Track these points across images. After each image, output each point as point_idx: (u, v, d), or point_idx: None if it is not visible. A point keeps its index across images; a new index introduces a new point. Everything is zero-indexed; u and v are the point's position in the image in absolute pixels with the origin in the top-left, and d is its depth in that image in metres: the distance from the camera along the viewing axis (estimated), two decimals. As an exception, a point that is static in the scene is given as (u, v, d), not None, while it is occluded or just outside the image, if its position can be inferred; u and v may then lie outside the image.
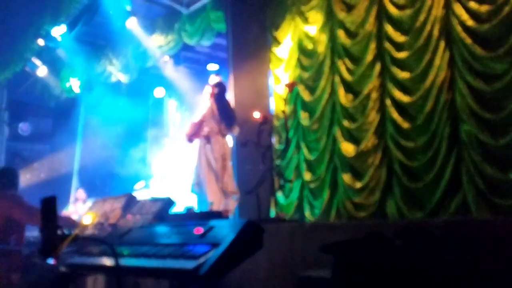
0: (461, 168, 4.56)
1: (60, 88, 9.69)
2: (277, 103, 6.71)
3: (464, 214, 4.44)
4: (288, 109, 6.30)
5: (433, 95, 4.80)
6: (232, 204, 5.59)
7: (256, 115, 5.99)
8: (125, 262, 2.32)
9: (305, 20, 6.37)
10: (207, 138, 5.43)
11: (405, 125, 5.06)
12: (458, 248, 2.52)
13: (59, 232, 1.86)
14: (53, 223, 1.84)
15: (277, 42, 6.78)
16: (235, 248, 2.04)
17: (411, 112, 5.04)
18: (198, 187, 5.57)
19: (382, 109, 5.32)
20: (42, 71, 9.49)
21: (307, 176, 6.18)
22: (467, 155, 4.51)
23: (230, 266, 2.00)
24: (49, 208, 1.88)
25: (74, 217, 7.28)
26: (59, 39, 8.35)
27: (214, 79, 5.82)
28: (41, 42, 8.44)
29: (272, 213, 5.73)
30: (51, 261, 2.04)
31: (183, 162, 9.14)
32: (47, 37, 8.36)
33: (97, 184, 9.37)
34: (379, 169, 5.28)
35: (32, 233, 4.60)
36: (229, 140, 5.99)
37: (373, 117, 5.37)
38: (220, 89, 5.71)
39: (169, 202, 4.46)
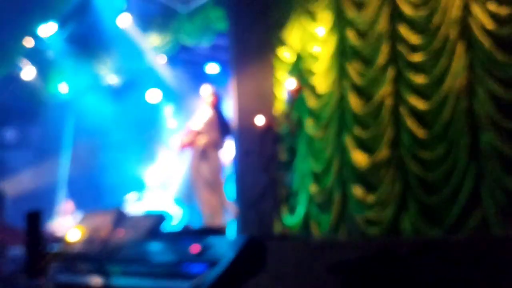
0: (480, 182, 4.55)
1: (48, 92, 9.73)
2: (281, 109, 6.72)
3: (484, 231, 4.42)
4: (293, 115, 6.31)
5: (450, 102, 4.80)
6: (227, 220, 5.60)
7: (259, 121, 6.01)
8: (116, 281, 2.32)
9: (313, 19, 6.39)
10: (204, 149, 5.46)
11: (421, 133, 5.06)
12: (478, 268, 2.51)
13: (45, 249, 1.88)
14: (38, 240, 1.85)
15: (282, 43, 6.81)
16: (235, 267, 2.04)
17: (427, 120, 5.04)
18: (189, 200, 5.60)
19: (395, 116, 5.32)
20: (30, 73, 9.54)
21: (314, 188, 6.16)
22: (487, 167, 4.51)
23: (230, 286, 2.01)
24: (34, 224, 1.89)
25: (61, 230, 7.28)
26: (49, 40, 8.42)
27: (207, 89, 5.88)
28: (29, 43, 8.50)
29: (275, 228, 5.73)
30: (37, 281, 2.05)
31: (179, 172, 9.14)
32: (36, 38, 8.43)
33: (87, 195, 9.36)
34: (392, 181, 5.26)
35: (13, 251, 4.59)
36: (227, 151, 6.00)
37: (386, 124, 5.37)
38: (219, 98, 5.78)
39: (162, 218, 4.48)
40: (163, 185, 9.24)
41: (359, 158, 5.62)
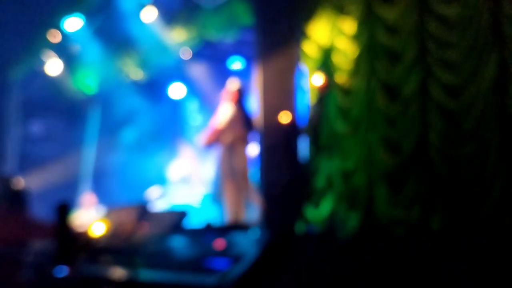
0: (512, 182, 4.51)
1: (75, 86, 9.95)
2: (308, 105, 6.72)
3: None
4: (319, 112, 6.30)
5: (481, 100, 4.78)
6: (255, 217, 5.62)
7: (284, 117, 6.02)
8: (141, 274, 2.39)
9: (340, 14, 6.37)
10: (231, 146, 5.48)
11: (450, 132, 5.03)
12: (508, 270, 2.49)
13: (74, 240, 1.95)
14: (67, 231, 1.93)
15: (308, 38, 6.79)
16: (260, 263, 2.08)
17: (457, 118, 5.02)
18: (218, 196, 5.64)
19: (424, 114, 5.30)
20: (56, 68, 9.76)
21: (341, 187, 6.15)
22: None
23: (255, 282, 2.05)
24: (63, 215, 1.97)
25: (82, 222, 7.46)
26: (75, 35, 8.62)
27: (234, 83, 5.90)
28: (56, 38, 8.71)
29: (300, 226, 5.74)
30: (64, 271, 2.12)
31: (203, 168, 9.24)
32: (63, 32, 8.63)
33: (110, 188, 9.57)
34: (420, 180, 5.24)
35: (40, 244, 4.72)
36: (252, 148, 6.01)
37: (415, 122, 5.34)
38: (243, 94, 5.78)
39: (184, 214, 4.57)
40: (185, 181, 9.36)
41: (386, 156, 5.60)
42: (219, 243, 2.36)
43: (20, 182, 6.92)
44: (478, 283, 2.40)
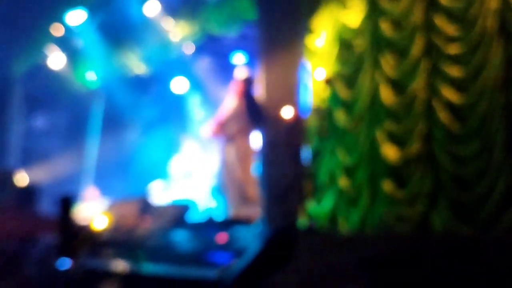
0: (517, 178, 4.49)
1: (77, 81, 9.96)
2: (310, 100, 6.70)
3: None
4: (323, 107, 6.28)
5: (486, 96, 4.75)
6: (254, 212, 5.60)
7: (287, 112, 6.00)
8: (143, 267, 2.39)
9: (344, 8, 6.34)
10: (232, 139, 5.45)
11: (455, 128, 5.02)
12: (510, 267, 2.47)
13: (77, 232, 1.95)
14: (70, 224, 1.93)
15: (312, 32, 6.77)
16: (263, 258, 2.07)
17: (462, 114, 5.00)
18: (221, 191, 5.63)
19: (429, 109, 5.27)
20: (59, 62, 9.76)
21: (342, 182, 6.13)
22: (524, 163, 4.44)
23: (257, 277, 2.03)
24: (66, 209, 1.97)
25: (85, 215, 7.48)
26: (78, 29, 8.62)
27: (242, 73, 5.85)
28: (59, 31, 8.71)
29: (302, 221, 5.73)
30: (67, 263, 2.12)
31: (205, 162, 9.25)
32: (66, 26, 8.63)
33: (113, 182, 9.60)
34: (423, 177, 5.21)
35: (45, 238, 4.74)
36: (256, 141, 5.98)
37: (419, 118, 5.32)
38: (249, 85, 5.72)
39: (186, 207, 4.57)
40: (187, 175, 9.39)
41: (390, 152, 5.58)
42: (221, 237, 2.35)
43: (25, 178, 6.95)
44: (481, 281, 2.38)
